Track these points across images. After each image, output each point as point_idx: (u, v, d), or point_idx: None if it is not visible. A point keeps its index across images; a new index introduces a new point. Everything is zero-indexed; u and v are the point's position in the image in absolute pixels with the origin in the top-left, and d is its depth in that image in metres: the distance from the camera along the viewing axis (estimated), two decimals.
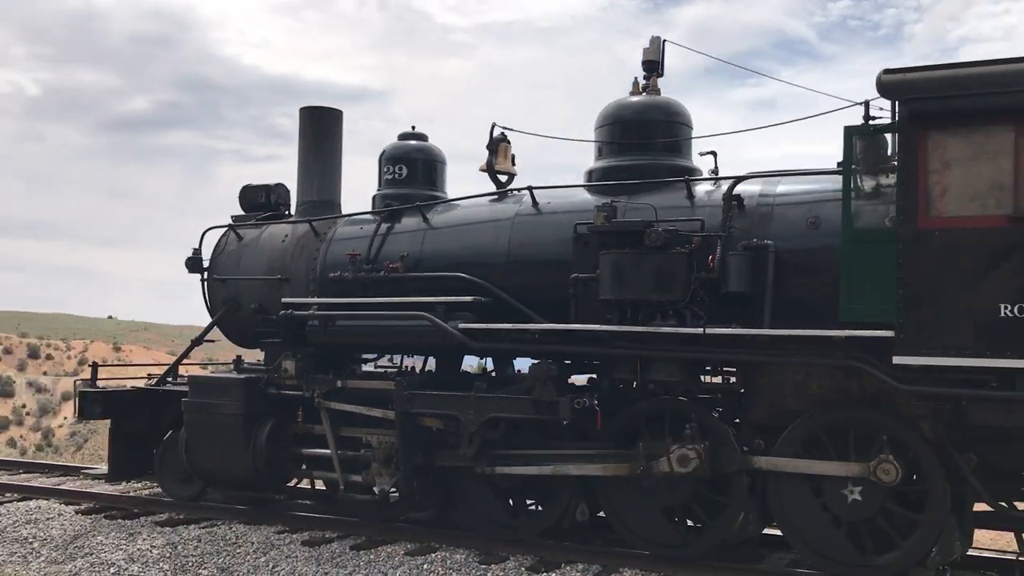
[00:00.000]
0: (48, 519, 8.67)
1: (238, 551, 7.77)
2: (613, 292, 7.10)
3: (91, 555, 7.86)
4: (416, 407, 7.86)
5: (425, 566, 7.16)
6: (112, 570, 7.55)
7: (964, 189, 6.12)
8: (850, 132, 6.50)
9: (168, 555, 7.73)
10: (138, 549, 7.89)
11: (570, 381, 7.92)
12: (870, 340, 6.26)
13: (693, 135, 8.37)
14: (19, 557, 7.98)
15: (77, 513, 8.85)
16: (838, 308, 6.40)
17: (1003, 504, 6.71)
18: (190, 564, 7.54)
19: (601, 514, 7.70)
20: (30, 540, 8.26)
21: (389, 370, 9.46)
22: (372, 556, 7.44)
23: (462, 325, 7.70)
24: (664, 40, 8.49)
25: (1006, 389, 5.89)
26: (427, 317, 7.76)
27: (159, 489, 9.63)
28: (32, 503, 9.12)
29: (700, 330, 6.81)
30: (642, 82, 8.49)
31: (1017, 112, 5.90)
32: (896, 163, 6.34)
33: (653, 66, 8.48)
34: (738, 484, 6.96)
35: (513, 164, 9.24)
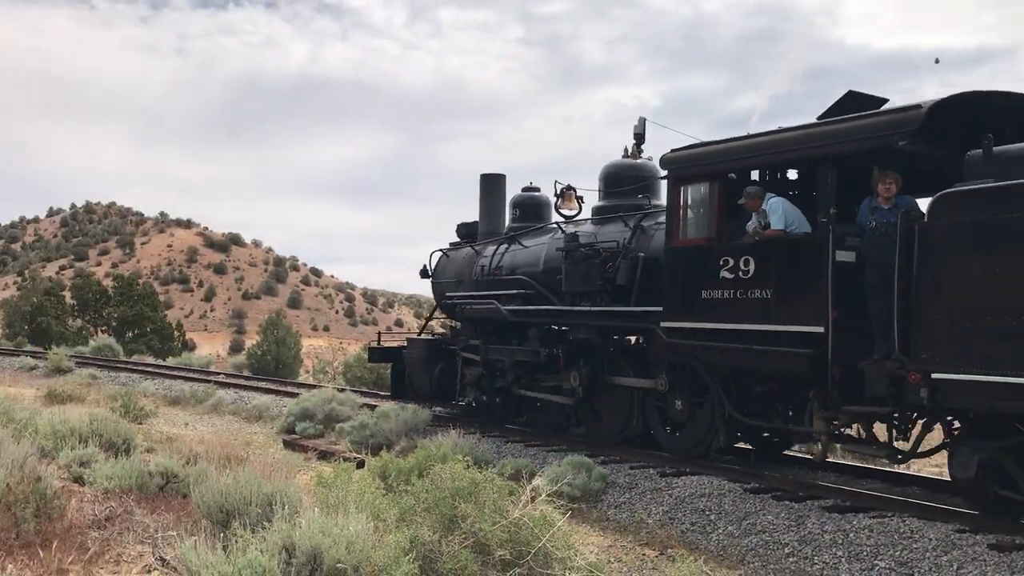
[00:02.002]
0: (720, 494, 9.07)
1: (914, 546, 7.21)
2: (566, 286, 11.69)
3: (764, 533, 8.01)
4: (490, 355, 13.34)
5: None
6: (786, 550, 7.60)
7: (694, 221, 9.82)
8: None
9: (840, 542, 7.51)
10: (809, 532, 7.82)
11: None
12: (657, 313, 10.11)
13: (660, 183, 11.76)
14: (699, 527, 8.51)
15: (745, 491, 9.13)
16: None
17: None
18: (864, 553, 7.23)
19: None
20: (707, 512, 8.76)
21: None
22: None
23: (505, 308, 12.91)
24: (646, 120, 12.22)
25: (718, 341, 9.35)
26: (493, 303, 13.17)
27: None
28: (704, 478, 9.68)
29: (596, 309, 11.24)
30: (631, 149, 12.44)
31: (712, 175, 9.56)
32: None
33: (640, 138, 12.28)
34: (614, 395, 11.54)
35: (580, 203, 13.58)
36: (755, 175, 9.84)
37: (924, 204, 7.90)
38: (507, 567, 4.97)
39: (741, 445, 10.99)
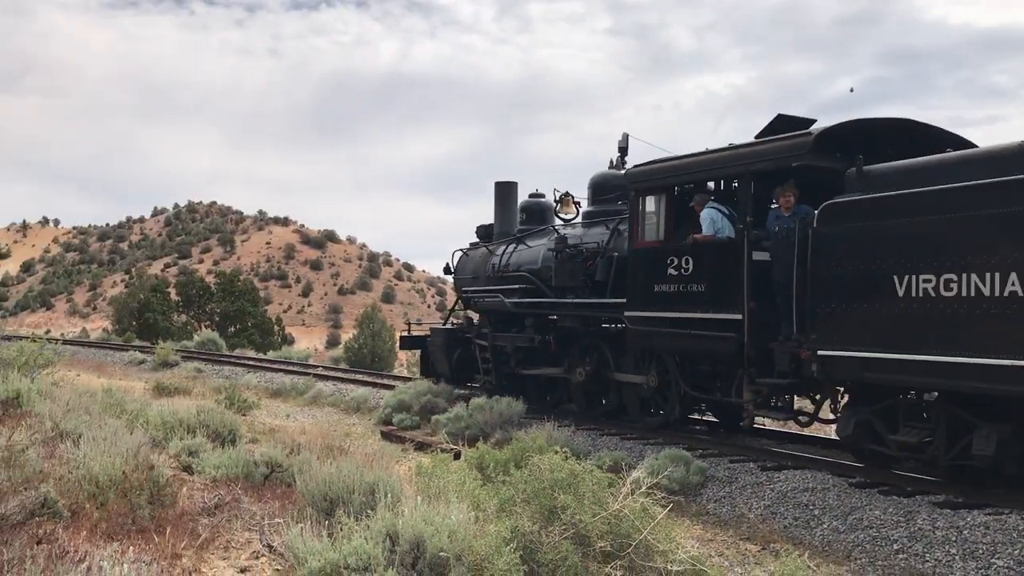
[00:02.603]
0: (824, 489, 8.84)
1: None
2: (555, 282, 13.47)
3: (871, 529, 7.77)
4: (497, 341, 15.31)
5: None
6: (895, 546, 7.35)
7: (649, 227, 11.52)
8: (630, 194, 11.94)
9: (953, 539, 7.22)
10: (919, 528, 7.54)
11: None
12: (623, 304, 11.77)
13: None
14: (802, 522, 8.30)
15: (851, 486, 8.87)
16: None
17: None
18: (980, 551, 6.93)
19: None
20: (810, 507, 8.53)
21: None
22: None
23: (507, 300, 14.70)
24: (628, 135, 14.07)
25: (668, 327, 11.04)
26: (499, 296, 14.97)
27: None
28: (807, 472, 9.45)
29: (577, 301, 13.07)
30: (616, 160, 14.17)
31: (662, 187, 11.35)
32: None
33: (623, 151, 14.04)
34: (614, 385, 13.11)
35: (577, 208, 15.19)
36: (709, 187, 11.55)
37: None
38: (608, 559, 4.92)
39: (710, 418, 12.89)
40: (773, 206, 10.04)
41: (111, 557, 4.08)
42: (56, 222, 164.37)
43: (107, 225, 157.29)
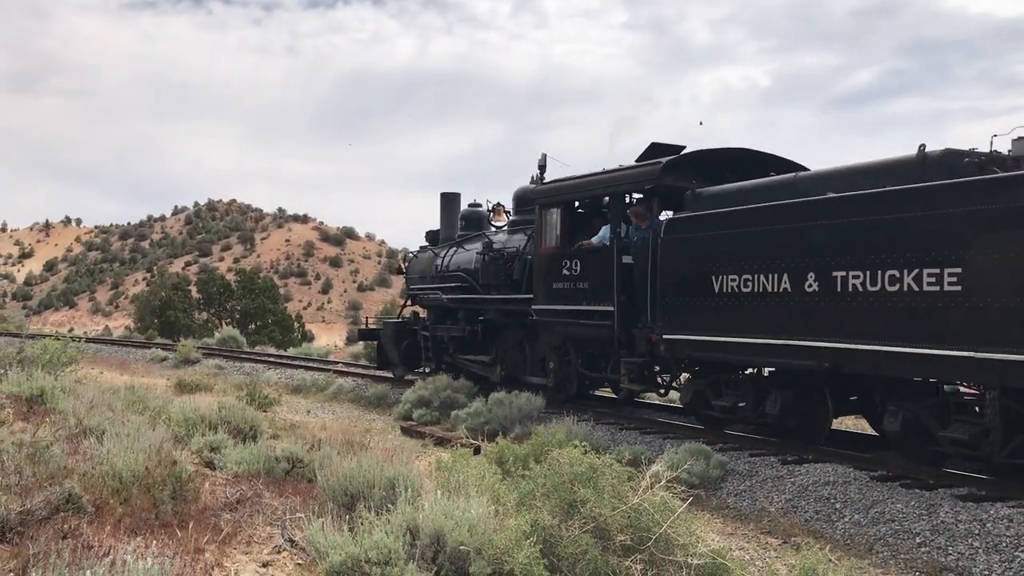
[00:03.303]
0: (845, 482, 8.78)
1: None
2: (482, 280, 15.65)
3: (893, 522, 7.72)
4: (437, 332, 17.55)
5: None
6: (918, 539, 7.31)
7: (549, 235, 13.67)
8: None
9: (976, 532, 7.17)
10: (942, 522, 7.49)
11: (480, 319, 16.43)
12: (531, 299, 14.01)
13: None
14: (824, 516, 8.26)
15: (872, 479, 8.82)
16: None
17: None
18: (1004, 544, 6.87)
19: None
20: (832, 500, 8.49)
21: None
22: None
23: (445, 296, 17.03)
24: (547, 155, 15.29)
25: (563, 318, 13.29)
26: (438, 293, 17.33)
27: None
28: (827, 466, 9.40)
29: (498, 296, 15.38)
30: (536, 177, 15.33)
31: (558, 203, 13.59)
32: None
33: (542, 169, 15.21)
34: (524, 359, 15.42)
35: (507, 216, 16.94)
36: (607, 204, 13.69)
37: None
38: (628, 552, 4.92)
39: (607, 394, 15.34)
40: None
41: (135, 551, 4.13)
42: (78, 221, 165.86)
43: (128, 224, 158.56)
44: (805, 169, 11.44)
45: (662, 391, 12.75)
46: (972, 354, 7.70)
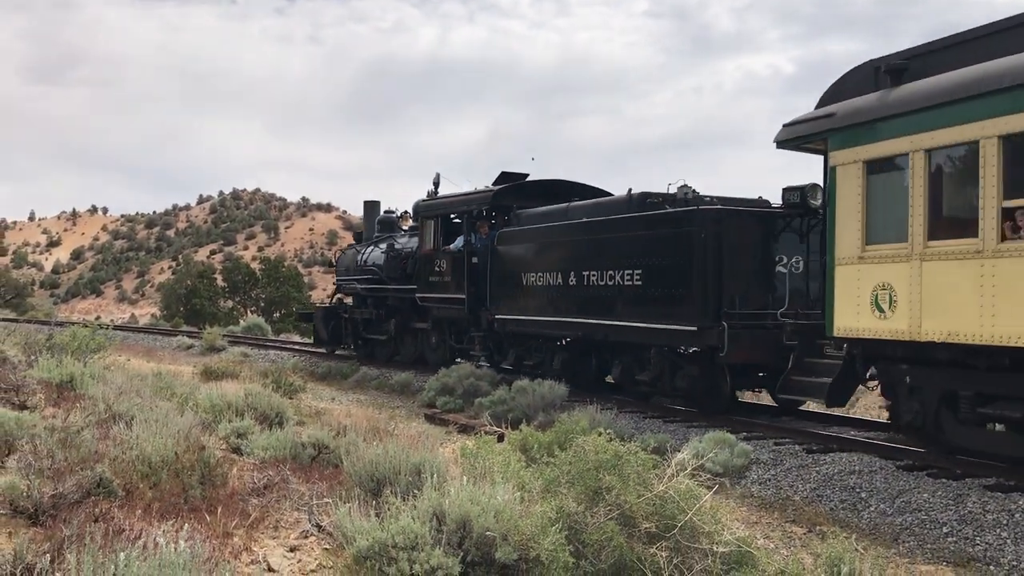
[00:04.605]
0: (871, 472, 8.75)
1: None
2: (386, 274, 20.22)
3: (919, 512, 7.68)
4: (353, 315, 22.45)
5: None
6: (944, 529, 7.27)
7: (428, 240, 18.46)
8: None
9: (1004, 522, 7.12)
10: (969, 512, 7.44)
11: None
12: (417, 289, 18.79)
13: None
14: (849, 505, 8.22)
15: (898, 469, 8.77)
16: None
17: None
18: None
19: None
20: (857, 490, 8.45)
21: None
22: None
23: (360, 287, 21.46)
24: (440, 174, 20.15)
25: (436, 304, 18.34)
26: (355, 284, 21.83)
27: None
28: (853, 455, 9.36)
29: (395, 287, 19.91)
30: (430, 192, 19.71)
31: (434, 216, 18.40)
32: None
33: (436, 186, 19.83)
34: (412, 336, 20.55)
35: (408, 221, 22.20)
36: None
37: None
38: (653, 540, 4.92)
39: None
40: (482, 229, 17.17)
41: (166, 534, 4.18)
42: (104, 210, 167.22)
43: (154, 213, 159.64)
44: (607, 194, 16.10)
45: (497, 358, 16.92)
46: (645, 324, 12.47)
